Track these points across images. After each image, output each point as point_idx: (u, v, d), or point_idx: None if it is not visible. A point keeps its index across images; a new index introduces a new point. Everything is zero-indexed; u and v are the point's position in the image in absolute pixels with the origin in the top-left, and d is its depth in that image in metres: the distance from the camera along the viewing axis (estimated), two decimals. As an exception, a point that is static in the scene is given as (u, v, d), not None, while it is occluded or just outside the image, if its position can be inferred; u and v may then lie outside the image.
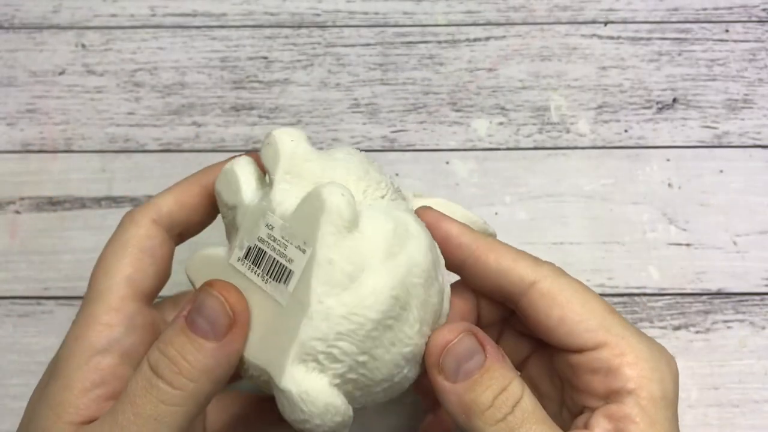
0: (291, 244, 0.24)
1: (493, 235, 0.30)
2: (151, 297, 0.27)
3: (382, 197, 0.26)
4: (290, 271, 0.24)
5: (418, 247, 0.25)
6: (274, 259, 0.24)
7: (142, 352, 0.25)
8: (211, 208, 0.29)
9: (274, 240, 0.25)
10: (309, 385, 0.23)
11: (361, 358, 0.24)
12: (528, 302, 0.27)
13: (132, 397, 0.23)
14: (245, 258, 0.25)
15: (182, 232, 0.29)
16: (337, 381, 0.24)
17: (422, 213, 0.28)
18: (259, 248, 0.25)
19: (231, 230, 0.27)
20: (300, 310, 0.23)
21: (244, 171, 0.27)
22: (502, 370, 0.25)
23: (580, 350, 0.26)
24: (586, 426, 0.25)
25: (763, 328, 0.38)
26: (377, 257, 0.24)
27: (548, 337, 0.27)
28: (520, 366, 0.30)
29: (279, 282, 0.24)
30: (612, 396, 0.25)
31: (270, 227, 0.25)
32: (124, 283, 0.26)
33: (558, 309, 0.26)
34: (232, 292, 0.24)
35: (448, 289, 0.27)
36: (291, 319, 0.23)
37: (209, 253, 0.27)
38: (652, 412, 0.25)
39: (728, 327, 0.38)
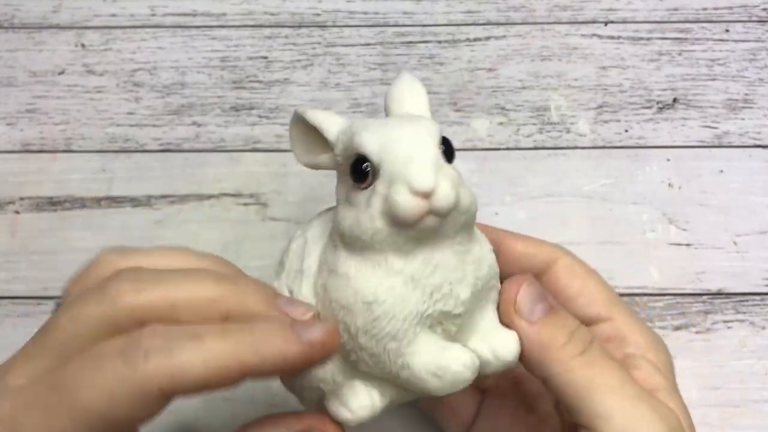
0: None
1: None
2: None
3: None
4: None
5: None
6: None
7: None
8: None
9: None
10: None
11: None
12: (552, 275, 0.29)
13: None
14: None
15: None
16: None
17: None
18: None
19: None
20: None
21: None
22: (567, 315, 0.26)
23: (594, 321, 0.28)
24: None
25: (763, 328, 0.38)
26: None
27: (567, 307, 0.28)
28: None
29: None
30: (626, 361, 0.27)
31: None
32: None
33: (579, 281, 0.28)
34: None
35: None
36: None
37: None
38: (664, 371, 0.27)
39: (728, 327, 0.38)
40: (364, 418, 0.25)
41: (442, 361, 0.24)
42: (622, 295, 0.39)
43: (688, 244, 0.40)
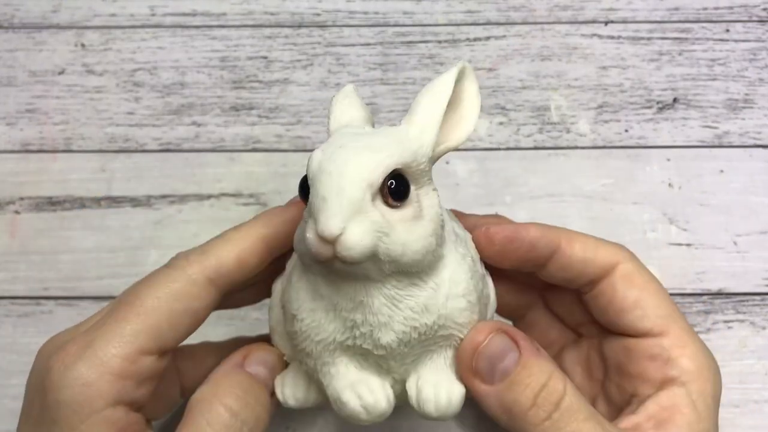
0: None
1: None
2: (170, 352, 0.25)
3: None
4: None
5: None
6: None
7: (147, 403, 0.24)
8: (268, 265, 0.27)
9: None
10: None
11: None
12: (609, 284, 0.27)
13: None
14: None
15: (233, 291, 0.27)
16: None
17: (499, 228, 0.28)
18: None
19: None
20: None
21: None
22: (539, 364, 0.24)
23: (645, 334, 0.27)
24: (634, 413, 0.26)
25: (764, 328, 0.38)
26: None
27: (618, 318, 0.27)
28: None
29: None
30: (666, 384, 0.26)
31: None
32: (152, 335, 0.23)
33: (636, 291, 0.27)
34: None
35: (490, 281, 0.28)
36: None
37: None
38: (701, 408, 0.25)
39: (729, 327, 0.38)
40: (292, 407, 0.27)
41: (342, 396, 0.24)
42: (622, 295, 0.39)
43: (688, 244, 0.40)
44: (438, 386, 0.24)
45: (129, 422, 0.23)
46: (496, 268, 0.29)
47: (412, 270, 0.23)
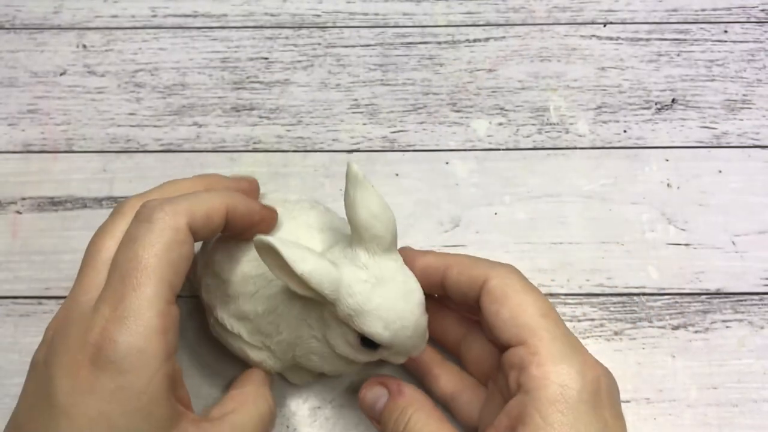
0: None
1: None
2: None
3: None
4: None
5: None
6: None
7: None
8: (219, 233, 0.30)
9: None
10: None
11: None
12: (481, 301, 0.30)
13: None
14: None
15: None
16: None
17: (408, 255, 0.32)
18: None
19: None
20: None
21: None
22: (398, 401, 0.30)
23: (507, 346, 0.28)
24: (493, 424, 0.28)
25: (762, 327, 0.38)
26: None
27: (490, 333, 0.29)
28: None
29: None
30: (517, 393, 0.27)
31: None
32: (167, 287, 0.26)
33: (496, 305, 0.29)
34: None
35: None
36: None
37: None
38: (545, 413, 0.25)
39: (727, 327, 0.38)
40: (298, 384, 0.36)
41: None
42: (621, 294, 0.39)
43: (686, 244, 0.40)
44: None
45: (176, 370, 0.26)
46: (439, 299, 0.34)
47: None
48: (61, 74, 0.45)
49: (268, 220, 0.31)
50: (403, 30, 0.47)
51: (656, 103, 0.44)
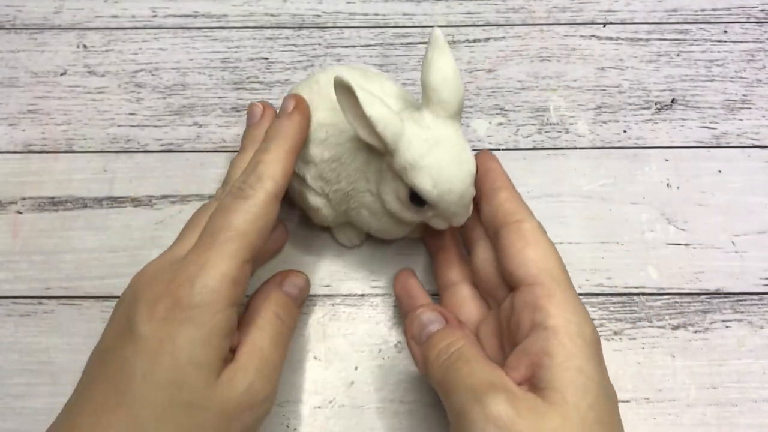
0: None
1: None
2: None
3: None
4: None
5: None
6: None
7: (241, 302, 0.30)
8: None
9: None
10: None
11: None
12: (506, 231, 0.32)
13: None
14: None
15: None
16: None
17: (482, 156, 0.35)
18: None
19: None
20: None
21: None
22: (450, 331, 0.31)
23: (521, 283, 0.30)
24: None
25: (761, 327, 0.38)
26: None
27: (505, 264, 0.31)
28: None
29: None
30: (533, 329, 0.29)
31: None
32: (248, 248, 0.30)
33: (522, 242, 0.31)
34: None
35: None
36: None
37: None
38: (569, 346, 0.28)
39: (726, 326, 0.38)
40: (347, 246, 0.40)
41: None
42: (621, 294, 0.39)
43: (686, 244, 0.40)
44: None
45: (234, 320, 0.30)
46: (434, 248, 0.37)
47: None
48: (62, 74, 0.45)
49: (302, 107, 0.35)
50: (403, 30, 0.47)
51: (656, 103, 0.44)
